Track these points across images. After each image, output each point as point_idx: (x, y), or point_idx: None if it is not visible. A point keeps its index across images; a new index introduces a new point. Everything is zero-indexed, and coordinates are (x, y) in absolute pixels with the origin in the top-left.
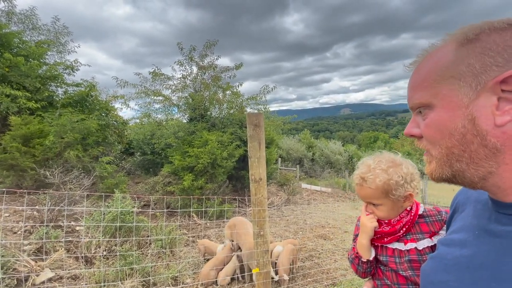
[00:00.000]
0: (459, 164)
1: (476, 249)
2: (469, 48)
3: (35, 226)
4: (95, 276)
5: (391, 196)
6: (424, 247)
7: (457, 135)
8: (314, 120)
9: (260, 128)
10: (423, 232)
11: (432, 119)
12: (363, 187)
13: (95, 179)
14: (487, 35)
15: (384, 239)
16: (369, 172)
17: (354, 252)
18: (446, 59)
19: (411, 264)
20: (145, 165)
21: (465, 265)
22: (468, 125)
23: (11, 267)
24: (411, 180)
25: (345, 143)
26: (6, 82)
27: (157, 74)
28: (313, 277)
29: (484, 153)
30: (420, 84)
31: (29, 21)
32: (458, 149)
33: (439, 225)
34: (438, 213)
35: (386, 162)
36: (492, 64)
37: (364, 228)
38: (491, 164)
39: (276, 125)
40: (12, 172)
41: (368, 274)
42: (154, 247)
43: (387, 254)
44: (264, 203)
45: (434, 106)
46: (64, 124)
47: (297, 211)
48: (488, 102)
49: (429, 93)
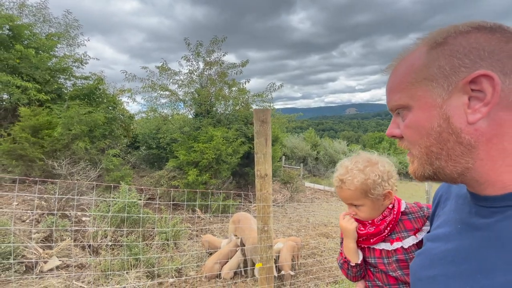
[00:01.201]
0: (439, 162)
1: (459, 242)
2: (439, 51)
3: (43, 215)
4: (101, 265)
5: (370, 195)
6: (410, 245)
7: (434, 134)
8: (319, 119)
9: (267, 124)
10: (407, 230)
11: (410, 119)
12: (342, 189)
13: (101, 171)
14: (454, 38)
15: (370, 240)
16: (347, 174)
17: (342, 257)
18: (419, 62)
19: (398, 264)
20: (150, 159)
21: (450, 259)
22: (444, 124)
23: (20, 254)
24: (388, 178)
25: (350, 143)
26: (17, 73)
27: (164, 68)
28: (315, 275)
29: (460, 150)
30: (397, 87)
31: (40, 14)
32: (436, 147)
33: (421, 221)
34: (420, 209)
35: (363, 162)
36: (461, 65)
37: (347, 232)
38: (467, 160)
39: (281, 122)
40: (21, 162)
41: (358, 277)
42: (159, 239)
43: (375, 255)
44: (269, 199)
45: (411, 107)
46: (72, 116)
47: (300, 209)
48: (459, 101)
49: (406, 94)
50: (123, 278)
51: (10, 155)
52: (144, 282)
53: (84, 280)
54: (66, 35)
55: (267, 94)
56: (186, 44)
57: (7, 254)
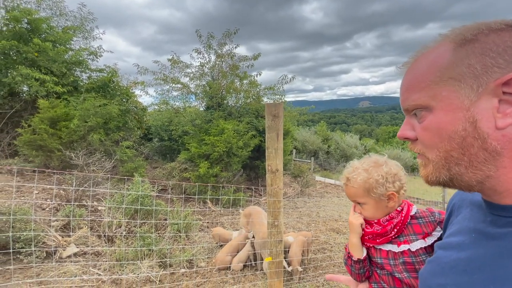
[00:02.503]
0: (458, 168)
1: (473, 251)
2: (468, 48)
3: (61, 204)
4: (116, 254)
5: (372, 194)
6: (418, 249)
7: (457, 138)
8: (331, 112)
9: (278, 119)
10: (416, 233)
11: (430, 121)
12: (348, 186)
13: (115, 162)
14: (486, 35)
15: (377, 240)
16: (353, 172)
17: (347, 253)
18: (444, 60)
19: (405, 266)
20: (162, 151)
21: (463, 268)
22: (469, 127)
23: (41, 241)
24: (393, 180)
25: (362, 137)
26: (35, 66)
27: (175, 61)
28: (324, 270)
29: (484, 157)
30: (416, 85)
31: (57, 8)
32: (458, 152)
33: (432, 226)
34: (431, 214)
35: (369, 163)
36: (494, 65)
37: (352, 227)
38: (490, 167)
39: (292, 116)
40: (40, 152)
41: (362, 276)
42: (171, 230)
43: (381, 256)
44: (279, 194)
45: (432, 108)
46: (87, 108)
47: (310, 203)
48: (489, 104)
49: (427, 94)
50: (136, 267)
51: (30, 146)
52: (156, 272)
53: (100, 267)
54: (81, 28)
55: (279, 87)
56: (198, 37)
57: (29, 240)
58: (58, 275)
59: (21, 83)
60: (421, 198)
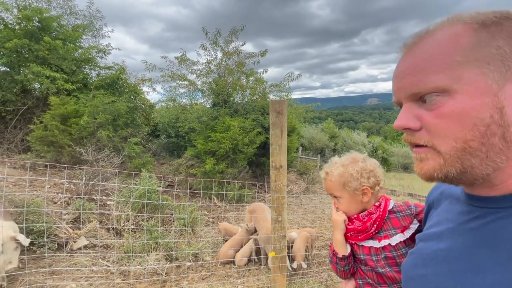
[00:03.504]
0: (474, 160)
1: (452, 242)
2: (494, 31)
3: (72, 198)
4: (124, 246)
5: (347, 188)
6: (397, 243)
7: (482, 126)
8: (338, 109)
9: (282, 116)
10: (395, 228)
11: (450, 107)
12: (326, 180)
13: (124, 158)
14: (510, 20)
15: (358, 237)
16: (332, 167)
17: (331, 250)
18: (466, 40)
19: (387, 261)
20: (169, 148)
21: (442, 258)
22: (496, 115)
23: (53, 233)
24: (368, 176)
25: (370, 135)
26: (46, 64)
27: (183, 59)
28: (328, 266)
29: (501, 147)
30: (435, 65)
31: (67, 6)
32: (478, 142)
33: (409, 219)
34: (408, 208)
35: (347, 159)
36: None
37: (336, 223)
38: (502, 158)
39: (299, 113)
40: (52, 148)
41: (347, 273)
42: (177, 225)
43: (364, 252)
44: (283, 190)
45: (454, 91)
46: (97, 105)
47: (315, 200)
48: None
49: (449, 76)
50: (144, 259)
51: (42, 141)
52: (163, 264)
53: (109, 259)
54: (91, 26)
55: (285, 84)
56: (204, 33)
57: (42, 232)
58: (69, 265)
59: (32, 81)
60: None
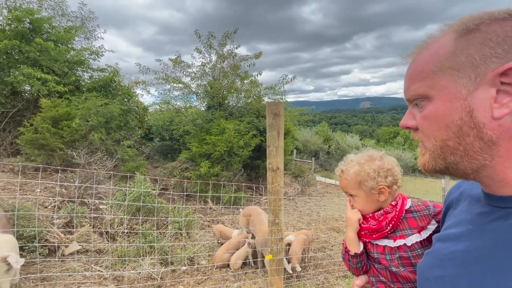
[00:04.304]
0: (453, 157)
1: (470, 243)
2: (469, 38)
3: (63, 202)
4: (117, 251)
5: (363, 187)
6: (413, 243)
7: (454, 127)
8: (332, 113)
9: (279, 118)
10: (411, 228)
11: (429, 110)
12: (341, 178)
13: (117, 161)
14: (487, 25)
15: (373, 236)
16: (347, 165)
17: (344, 247)
18: (445, 50)
19: (401, 261)
20: (163, 151)
21: (460, 259)
22: (466, 117)
23: (44, 238)
24: (386, 175)
25: (363, 137)
26: (37, 66)
27: (177, 61)
28: (324, 268)
29: (479, 146)
30: (417, 75)
31: (58, 8)
32: (454, 141)
33: (427, 219)
34: (426, 208)
35: (364, 157)
36: (492, 55)
37: (349, 221)
38: (485, 157)
39: (293, 116)
40: (43, 151)
41: (360, 270)
42: (172, 228)
43: (378, 251)
44: (280, 192)
45: (431, 97)
46: (89, 107)
47: (310, 203)
48: (486, 94)
49: (426, 84)
50: (138, 264)
51: (32, 145)
52: (158, 269)
53: (102, 264)
54: (83, 28)
55: (280, 87)
56: (197, 37)
57: (32, 237)
58: (60, 271)
59: (23, 82)
60: (421, 199)
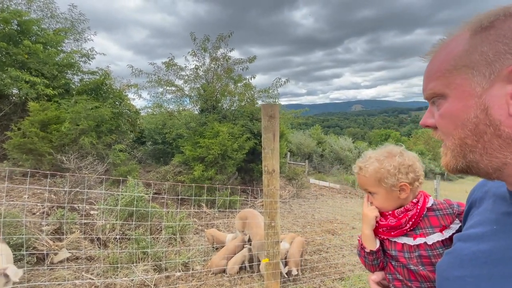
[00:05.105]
0: (473, 155)
1: (494, 244)
2: (483, 36)
3: (52, 208)
4: (109, 258)
5: (383, 184)
6: (434, 242)
7: (470, 125)
8: (324, 116)
9: (275, 120)
10: (432, 226)
11: (445, 109)
12: (359, 175)
13: (108, 166)
14: (502, 21)
15: (391, 233)
16: (366, 162)
17: (359, 244)
18: (459, 48)
19: (421, 259)
20: (156, 154)
21: (483, 260)
22: (481, 115)
23: (32, 246)
24: (407, 172)
25: (356, 140)
26: (25, 68)
27: (170, 64)
28: (321, 271)
29: (498, 144)
30: (433, 74)
31: (48, 9)
32: (471, 139)
33: (450, 218)
34: (449, 206)
35: (383, 153)
36: (506, 51)
37: (366, 218)
38: (505, 154)
39: (287, 118)
40: (31, 156)
41: (376, 267)
42: (166, 233)
43: (396, 249)
44: (276, 194)
45: (447, 96)
46: (79, 111)
47: (305, 206)
48: (502, 91)
49: (442, 83)
50: (131, 271)
51: (20, 149)
52: (151, 275)
53: (93, 272)
54: (73, 30)
55: (273, 90)
56: (192, 39)
57: (19, 245)
58: (49, 280)
59: (10, 85)
60: None
